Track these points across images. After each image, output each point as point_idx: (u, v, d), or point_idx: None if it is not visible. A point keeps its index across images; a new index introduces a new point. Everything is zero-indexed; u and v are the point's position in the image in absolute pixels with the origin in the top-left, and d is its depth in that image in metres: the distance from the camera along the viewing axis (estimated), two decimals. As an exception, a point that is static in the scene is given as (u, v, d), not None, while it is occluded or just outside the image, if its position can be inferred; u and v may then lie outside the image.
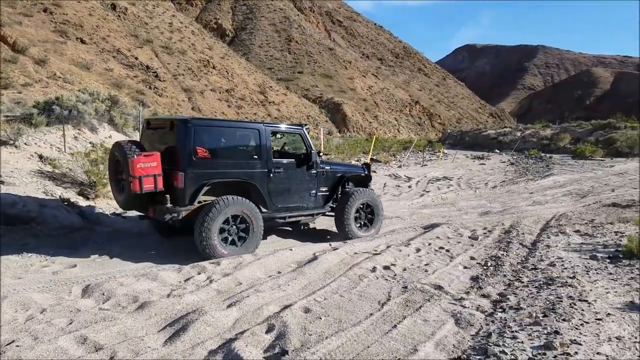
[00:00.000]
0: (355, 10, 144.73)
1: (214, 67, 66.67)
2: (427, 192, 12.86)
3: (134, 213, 8.26)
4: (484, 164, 21.34)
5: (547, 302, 4.14)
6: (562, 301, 4.13)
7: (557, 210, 9.47)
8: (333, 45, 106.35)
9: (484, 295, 4.48)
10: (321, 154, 7.43)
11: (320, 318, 3.79)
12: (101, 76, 44.52)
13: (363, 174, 7.85)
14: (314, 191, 6.89)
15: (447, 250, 6.20)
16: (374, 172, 14.00)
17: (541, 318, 3.76)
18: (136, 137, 13.67)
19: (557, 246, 6.37)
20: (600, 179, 15.31)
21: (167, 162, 5.51)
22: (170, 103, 49.80)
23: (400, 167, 19.89)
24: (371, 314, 3.94)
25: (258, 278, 4.83)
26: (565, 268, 5.28)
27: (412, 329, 3.64)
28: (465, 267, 5.51)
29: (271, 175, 6.24)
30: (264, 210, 6.19)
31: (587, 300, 4.12)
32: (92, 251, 5.92)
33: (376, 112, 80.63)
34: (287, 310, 3.85)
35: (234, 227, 5.79)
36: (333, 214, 7.22)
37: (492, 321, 3.81)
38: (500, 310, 4.06)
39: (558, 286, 4.58)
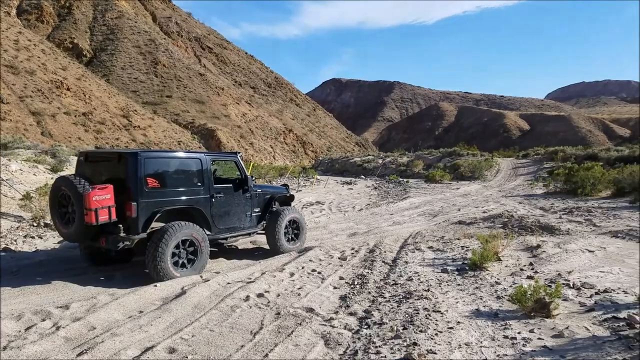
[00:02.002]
0: (225, 38, 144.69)
1: (68, 89, 60.26)
2: (299, 217, 13.14)
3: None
4: (352, 189, 22.69)
5: (407, 315, 4.48)
6: (419, 313, 4.51)
7: (414, 229, 10.43)
8: (204, 70, 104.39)
9: (351, 314, 4.67)
10: (253, 178, 7.93)
11: (187, 357, 3.54)
12: None
13: (287, 195, 8.66)
14: (249, 212, 7.50)
15: (319, 273, 6.36)
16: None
17: (401, 331, 4.04)
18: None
19: (413, 262, 6.99)
20: (449, 200, 17.36)
21: (115, 193, 5.61)
22: (16, 127, 43.43)
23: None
24: (242, 346, 3.81)
25: (115, 320, 4.35)
26: (421, 282, 5.81)
27: (284, 356, 3.61)
28: (335, 288, 5.70)
29: (213, 199, 6.72)
30: (208, 232, 6.54)
31: (440, 311, 4.56)
32: None
33: (252, 139, 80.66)
34: (149, 353, 3.52)
35: (184, 250, 6.08)
36: (264, 231, 7.86)
37: (359, 338, 3.98)
38: (365, 326, 4.27)
39: (415, 299, 5.00)
